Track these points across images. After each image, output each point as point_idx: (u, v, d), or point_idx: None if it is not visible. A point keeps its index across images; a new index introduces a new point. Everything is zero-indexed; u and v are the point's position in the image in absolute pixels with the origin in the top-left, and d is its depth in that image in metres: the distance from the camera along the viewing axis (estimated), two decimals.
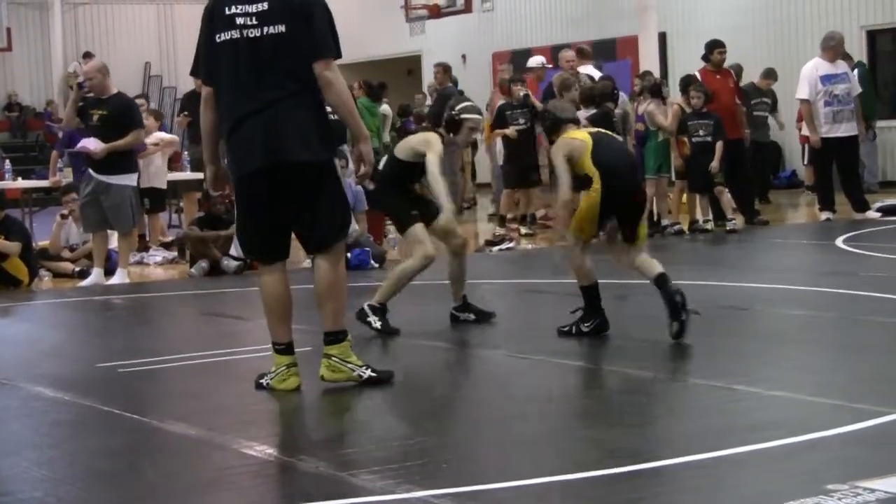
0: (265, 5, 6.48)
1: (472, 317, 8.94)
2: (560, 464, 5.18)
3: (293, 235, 6.83)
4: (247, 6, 6.50)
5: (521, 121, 16.09)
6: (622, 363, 7.36)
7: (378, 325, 8.44)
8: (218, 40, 6.57)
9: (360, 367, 6.70)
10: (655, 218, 15.36)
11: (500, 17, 26.44)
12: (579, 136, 8.13)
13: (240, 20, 6.50)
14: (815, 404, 6.06)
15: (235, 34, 6.52)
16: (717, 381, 6.65)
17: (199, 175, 15.42)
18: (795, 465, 5.02)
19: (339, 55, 6.59)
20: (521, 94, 16.19)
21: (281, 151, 6.49)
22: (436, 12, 24.57)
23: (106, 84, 12.74)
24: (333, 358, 6.66)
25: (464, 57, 26.56)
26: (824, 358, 7.51)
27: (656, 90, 15.68)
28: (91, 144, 12.56)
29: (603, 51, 21.46)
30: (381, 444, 5.81)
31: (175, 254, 14.95)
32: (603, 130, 8.50)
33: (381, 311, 8.51)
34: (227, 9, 6.54)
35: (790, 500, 4.38)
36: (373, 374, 6.70)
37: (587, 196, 8.03)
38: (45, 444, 6.16)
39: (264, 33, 6.48)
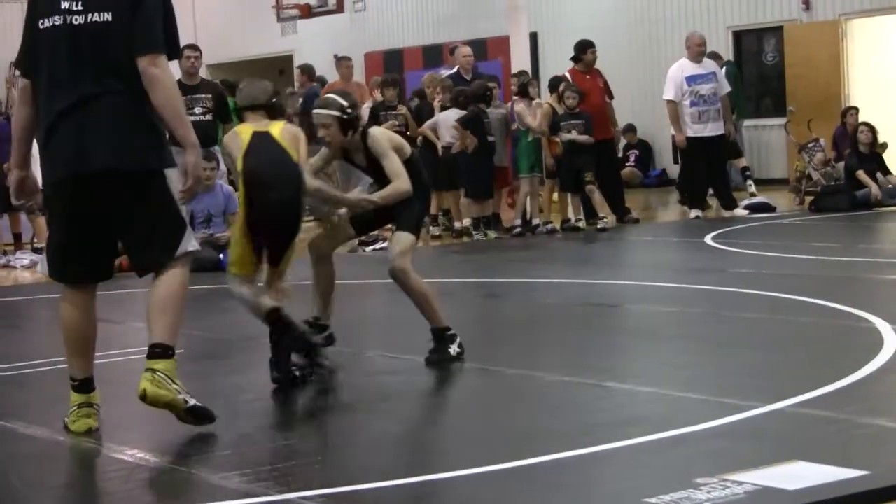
0: None
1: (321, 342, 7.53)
2: (430, 463, 5.19)
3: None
4: None
5: (395, 122, 16.11)
6: (490, 361, 7.39)
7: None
8: (41, 26, 5.80)
9: (185, 392, 5.81)
10: (528, 217, 15.49)
11: (372, 17, 26.42)
12: (242, 133, 7.10)
13: (65, 4, 5.75)
14: (684, 399, 6.15)
15: (59, 20, 5.75)
16: (587, 377, 6.72)
17: None
18: (664, 460, 5.08)
19: (171, 51, 5.86)
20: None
21: (90, 160, 5.68)
22: (307, 12, 24.46)
23: None
24: (158, 373, 5.73)
25: (336, 56, 26.48)
26: (692, 354, 7.62)
27: (524, 90, 15.80)
28: None
29: (475, 50, 21.48)
30: (253, 446, 5.78)
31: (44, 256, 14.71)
32: (268, 131, 7.09)
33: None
34: None
35: (660, 494, 4.44)
36: (197, 405, 5.82)
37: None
38: None
39: (88, 20, 5.73)
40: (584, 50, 16.29)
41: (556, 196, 16.06)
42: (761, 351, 7.43)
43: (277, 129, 7.13)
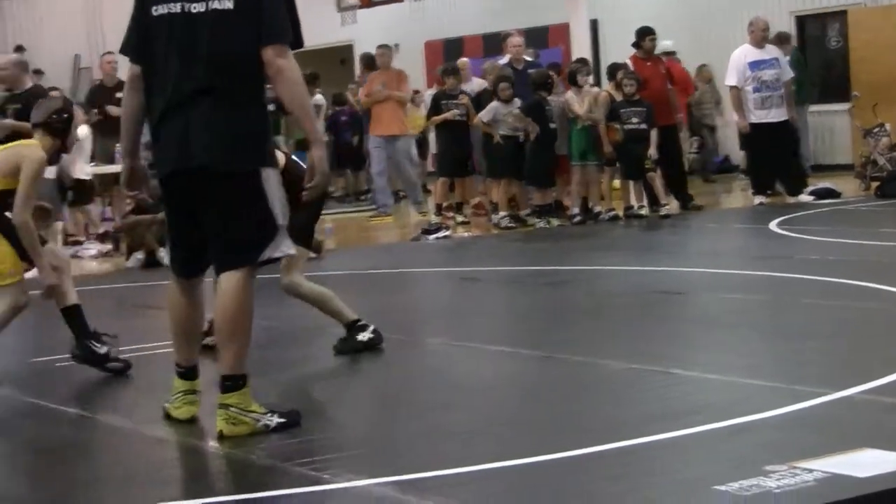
0: None
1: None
2: (496, 451, 5.19)
3: None
4: None
5: (456, 111, 16.11)
6: (558, 350, 7.38)
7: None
8: (154, 13, 5.62)
9: (264, 414, 5.67)
10: (588, 205, 15.45)
11: (432, 6, 26.40)
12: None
13: None
14: (750, 387, 6.11)
15: (176, 7, 5.56)
16: (652, 365, 6.69)
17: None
18: (733, 448, 5.06)
19: (296, 43, 5.68)
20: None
21: (191, 156, 5.54)
22: (367, 2, 24.56)
23: (21, 78, 12.64)
24: (232, 409, 5.60)
25: (396, 46, 26.52)
26: (758, 341, 7.57)
27: (572, 78, 15.75)
28: None
29: (535, 38, 21.49)
30: (320, 434, 5.80)
31: (110, 246, 14.84)
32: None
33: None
34: None
35: (729, 482, 4.42)
36: (280, 421, 5.68)
37: None
38: None
39: (208, 8, 5.53)
40: (643, 36, 16.22)
41: (617, 183, 16.00)
42: (828, 338, 7.37)
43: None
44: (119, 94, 14.72)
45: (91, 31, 31.67)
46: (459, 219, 16.11)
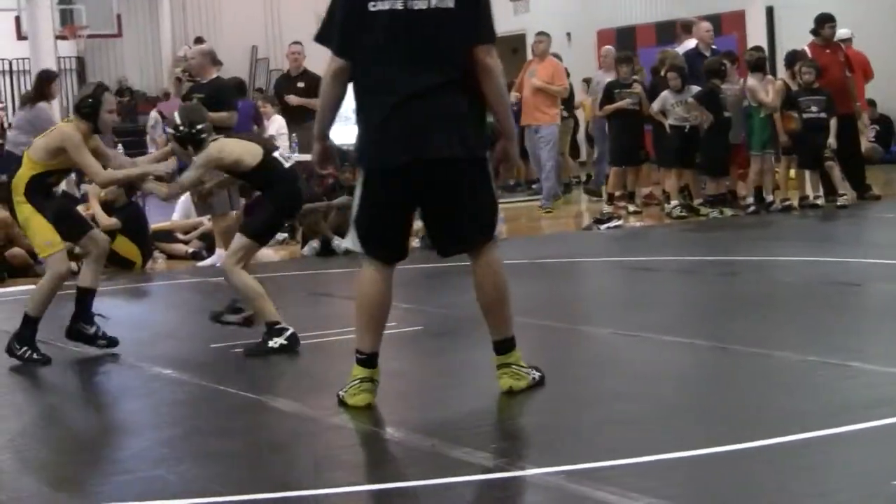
0: None
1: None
2: (670, 442, 5.17)
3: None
4: None
5: (629, 99, 16.03)
6: (732, 341, 7.31)
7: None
8: (372, 9, 5.84)
9: (530, 369, 6.25)
10: (764, 195, 15.25)
11: None
12: None
13: None
14: None
15: (398, 4, 5.81)
16: (829, 357, 6.59)
17: (306, 157, 15.59)
18: None
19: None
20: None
21: (431, 146, 5.85)
22: None
23: (206, 68, 12.95)
24: (513, 366, 6.16)
25: (568, 35, 26.46)
26: None
27: (757, 66, 15.52)
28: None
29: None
30: (493, 422, 5.85)
31: (285, 234, 15.10)
32: None
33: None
34: None
35: None
36: (541, 375, 6.28)
37: None
38: (164, 424, 6.29)
39: (430, 6, 5.81)
40: (822, 24, 15.91)
41: (793, 173, 15.75)
42: None
43: None
44: (301, 84, 15.16)
45: (269, 23, 32.21)
46: (632, 208, 16.04)
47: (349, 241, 6.22)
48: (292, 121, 15.51)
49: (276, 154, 7.97)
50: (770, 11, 21.63)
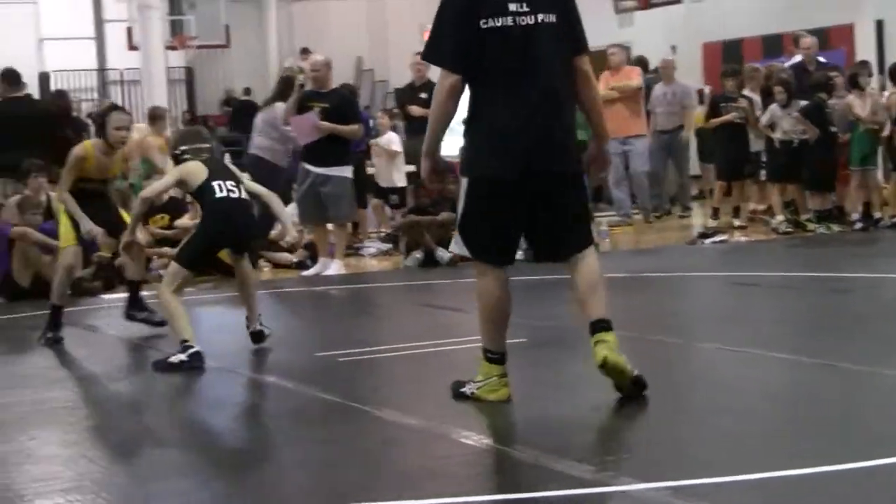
0: None
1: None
2: (776, 459, 5.12)
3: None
4: None
5: (735, 113, 15.93)
6: (839, 358, 7.21)
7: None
8: (483, 26, 6.07)
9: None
10: (871, 211, 15.05)
11: (710, 7, 26.06)
12: None
13: (512, 6, 6.07)
14: None
15: (509, 21, 6.08)
16: None
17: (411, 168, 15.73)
18: None
19: None
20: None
21: (547, 158, 6.15)
22: (645, 3, 24.44)
23: (329, 78, 13.17)
24: (609, 343, 6.22)
25: (673, 48, 26.30)
26: None
27: (854, 80, 15.34)
28: (314, 119, 12.90)
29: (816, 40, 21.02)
30: (597, 435, 5.84)
31: (389, 245, 15.18)
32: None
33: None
34: None
35: None
36: (640, 376, 6.29)
37: None
38: (269, 432, 6.35)
39: (538, 21, 6.10)
40: None
41: None
42: None
43: None
44: (423, 95, 15.30)
45: (374, 34, 32.41)
46: (737, 223, 15.92)
47: (455, 246, 6.43)
48: (413, 131, 15.67)
49: (214, 183, 8.36)
50: (880, 25, 21.34)
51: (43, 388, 7.66)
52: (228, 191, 8.32)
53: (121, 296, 11.89)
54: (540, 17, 6.10)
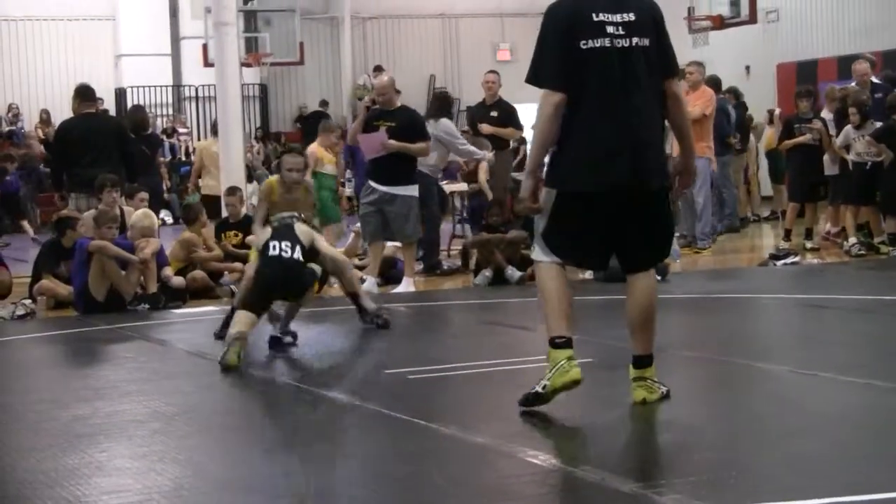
0: (632, 16, 6.40)
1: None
2: (852, 483, 5.07)
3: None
4: (614, 15, 6.38)
5: (809, 135, 15.82)
6: None
7: None
8: (583, 46, 6.36)
9: (660, 384, 6.72)
10: None
11: (785, 27, 25.96)
12: None
13: (610, 29, 6.37)
14: None
15: (606, 42, 6.37)
16: None
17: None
18: None
19: None
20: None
21: (645, 174, 6.42)
22: (719, 23, 24.25)
23: (394, 98, 13.28)
24: (648, 380, 6.65)
25: (747, 68, 26.20)
26: None
27: None
28: (383, 137, 12.96)
29: (893, 61, 20.86)
30: (664, 457, 5.81)
31: (458, 263, 15.18)
32: None
33: None
34: (594, 15, 6.37)
35: None
36: (667, 390, 6.73)
37: None
38: (336, 447, 6.37)
39: (633, 44, 6.40)
40: None
41: None
42: None
43: None
44: (494, 113, 15.51)
45: (447, 52, 32.50)
46: (809, 245, 15.79)
47: (537, 253, 6.61)
48: (484, 147, 15.76)
49: (271, 242, 9.27)
50: None
51: (115, 401, 7.72)
52: (281, 251, 9.13)
53: (191, 311, 12.00)
54: (635, 40, 6.38)
